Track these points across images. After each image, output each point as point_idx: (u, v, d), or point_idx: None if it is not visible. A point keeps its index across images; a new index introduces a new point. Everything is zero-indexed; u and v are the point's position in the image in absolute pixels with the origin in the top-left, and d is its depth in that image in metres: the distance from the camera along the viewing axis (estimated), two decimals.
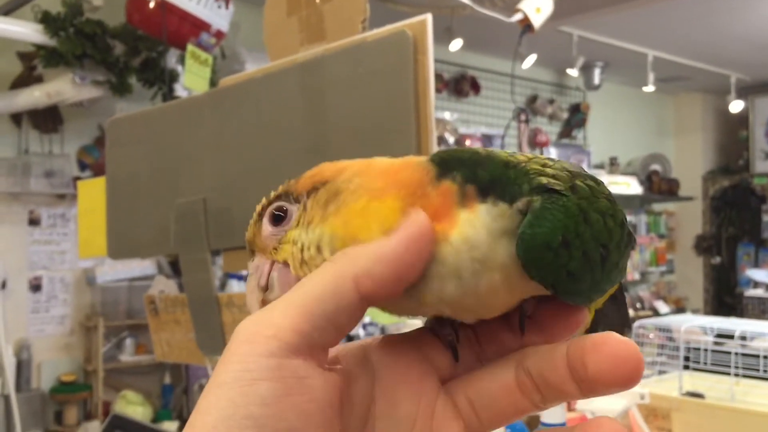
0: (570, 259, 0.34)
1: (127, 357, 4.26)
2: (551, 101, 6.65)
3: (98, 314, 4.18)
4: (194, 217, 1.35)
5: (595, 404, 1.54)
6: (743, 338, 2.32)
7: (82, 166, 4.27)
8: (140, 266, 4.11)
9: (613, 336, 0.33)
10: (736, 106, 6.87)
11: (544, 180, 0.35)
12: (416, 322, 0.40)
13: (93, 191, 1.62)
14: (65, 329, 4.25)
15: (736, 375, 2.11)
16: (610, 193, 0.38)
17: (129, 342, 4.26)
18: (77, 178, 3.59)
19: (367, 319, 4.59)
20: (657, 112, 7.82)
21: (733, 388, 1.99)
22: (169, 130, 1.43)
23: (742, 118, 7.50)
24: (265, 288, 0.38)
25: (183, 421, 4.08)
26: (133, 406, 3.80)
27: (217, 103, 1.34)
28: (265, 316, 0.32)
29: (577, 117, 6.75)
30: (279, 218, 0.38)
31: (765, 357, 2.20)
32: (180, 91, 3.83)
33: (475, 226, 0.34)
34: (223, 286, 4.01)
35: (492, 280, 0.34)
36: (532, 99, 6.50)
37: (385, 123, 1.08)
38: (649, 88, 6.34)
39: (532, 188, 0.35)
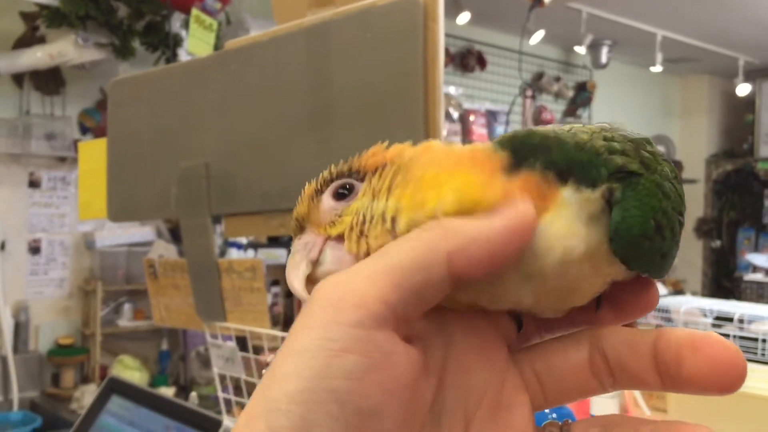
0: (663, 241, 0.34)
1: (125, 322, 4.27)
2: (557, 79, 6.60)
3: (97, 278, 4.18)
4: (196, 182, 1.34)
5: None
6: (741, 321, 2.32)
7: (83, 129, 4.25)
8: (140, 232, 4.10)
9: (714, 337, 0.31)
10: (743, 89, 6.82)
11: (619, 161, 0.34)
12: None
13: (94, 152, 1.60)
14: (64, 292, 4.26)
15: None
16: (657, 149, 0.37)
17: (127, 307, 4.27)
18: (78, 141, 3.57)
19: None
20: (663, 93, 7.77)
21: None
22: (172, 92, 1.41)
23: (749, 102, 7.44)
24: (314, 262, 0.35)
25: (180, 387, 4.10)
26: (130, 371, 3.81)
27: (222, 66, 1.32)
28: (348, 282, 0.30)
29: (582, 96, 6.70)
30: (343, 194, 0.36)
31: (764, 340, 2.20)
32: (184, 56, 3.79)
33: (561, 214, 0.33)
34: (222, 254, 4.00)
35: (582, 269, 0.33)
36: (538, 76, 6.45)
37: (392, 91, 1.06)
38: (657, 69, 6.29)
39: (611, 173, 0.34)
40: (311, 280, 0.35)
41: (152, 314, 1.56)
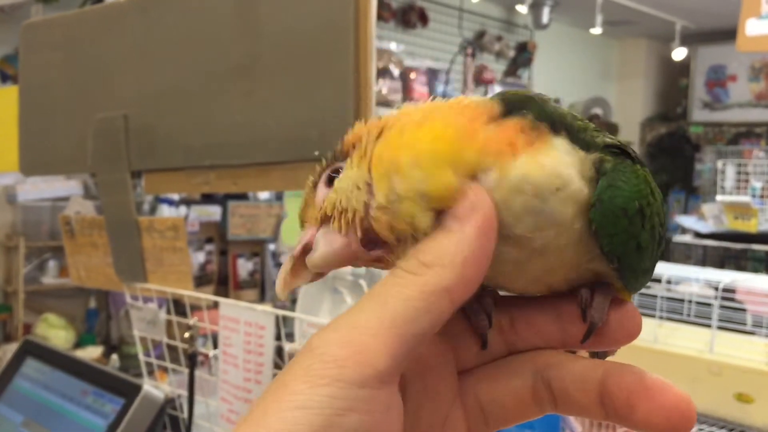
0: (641, 230, 0.33)
1: (49, 279, 4.13)
2: (499, 38, 6.58)
3: (19, 234, 4.03)
4: (114, 135, 1.26)
5: None
6: (669, 282, 2.37)
7: (4, 77, 4.04)
8: (64, 186, 3.94)
9: (665, 384, 0.31)
10: (679, 54, 6.94)
11: (615, 141, 0.34)
12: None
13: (6, 101, 1.50)
14: None
15: (661, 318, 2.16)
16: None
17: (52, 264, 4.13)
18: None
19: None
20: (602, 55, 7.85)
21: (657, 330, 2.03)
22: (88, 37, 1.32)
23: (684, 67, 7.59)
24: (304, 251, 0.34)
25: (107, 346, 4.01)
26: (55, 330, 3.70)
27: (142, 11, 1.24)
28: (353, 337, 0.29)
29: (523, 56, 6.70)
30: (332, 179, 0.35)
31: (689, 301, 2.26)
32: None
33: (550, 151, 0.32)
34: (153, 210, 3.88)
35: (563, 215, 0.31)
36: (480, 35, 6.41)
37: (321, 42, 1.01)
38: (596, 31, 6.33)
39: (605, 145, 0.33)
40: (301, 269, 0.34)
41: (70, 274, 1.49)
